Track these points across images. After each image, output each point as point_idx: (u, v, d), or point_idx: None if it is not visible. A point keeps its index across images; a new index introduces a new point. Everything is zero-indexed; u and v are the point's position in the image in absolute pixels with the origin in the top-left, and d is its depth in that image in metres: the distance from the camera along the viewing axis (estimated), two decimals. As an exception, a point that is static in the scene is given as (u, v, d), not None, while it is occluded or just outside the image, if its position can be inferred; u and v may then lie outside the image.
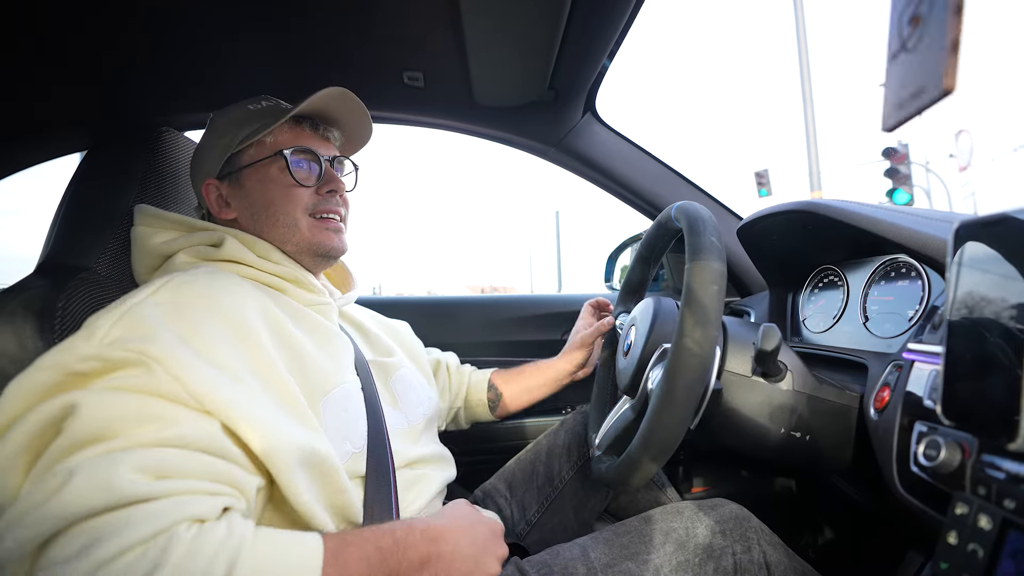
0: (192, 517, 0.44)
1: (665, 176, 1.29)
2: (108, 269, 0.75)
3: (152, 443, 0.45)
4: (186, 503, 0.44)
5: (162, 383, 0.48)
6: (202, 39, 0.89)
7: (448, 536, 0.60)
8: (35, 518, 0.41)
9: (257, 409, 0.53)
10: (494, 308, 1.44)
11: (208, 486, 0.47)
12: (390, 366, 0.85)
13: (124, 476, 0.42)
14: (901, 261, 0.82)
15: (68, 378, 0.47)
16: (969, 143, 12.19)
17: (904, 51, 0.34)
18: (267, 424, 0.53)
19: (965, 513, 0.44)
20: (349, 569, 0.50)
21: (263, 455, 0.52)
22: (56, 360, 0.47)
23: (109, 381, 0.47)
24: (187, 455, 0.47)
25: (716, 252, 0.62)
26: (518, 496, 0.97)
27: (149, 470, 0.44)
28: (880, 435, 0.62)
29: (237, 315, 0.58)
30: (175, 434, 0.47)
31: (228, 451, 0.50)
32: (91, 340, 0.48)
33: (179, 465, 0.46)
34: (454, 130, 1.24)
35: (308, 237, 0.75)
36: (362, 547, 0.52)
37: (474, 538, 0.63)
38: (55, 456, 0.44)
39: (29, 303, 0.62)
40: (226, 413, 0.50)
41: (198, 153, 0.80)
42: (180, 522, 0.43)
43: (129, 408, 0.46)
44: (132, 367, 0.48)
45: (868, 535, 1.06)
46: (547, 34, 0.86)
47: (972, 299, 0.46)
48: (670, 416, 0.58)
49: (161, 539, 0.42)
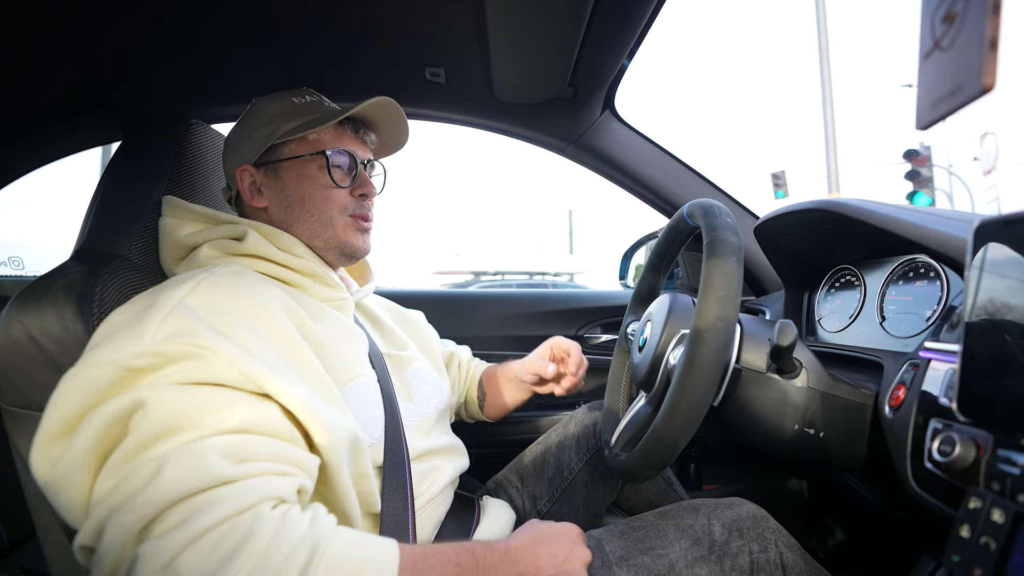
0: (273, 496, 0.47)
1: (683, 175, 1.30)
2: (140, 257, 0.78)
3: (226, 430, 0.48)
4: (265, 483, 0.47)
5: (220, 371, 0.50)
6: (230, 34, 0.92)
7: (527, 559, 0.59)
8: (136, 504, 0.44)
9: (306, 394, 0.55)
10: (510, 303, 1.45)
11: (281, 467, 0.50)
12: (404, 359, 0.87)
13: (212, 460, 0.45)
14: (920, 261, 0.82)
15: (126, 374, 0.49)
16: (995, 146, 11.91)
17: (939, 49, 0.34)
18: (318, 408, 0.55)
19: (978, 507, 0.44)
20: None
21: (320, 437, 0.55)
22: (111, 357, 0.49)
23: (169, 375, 0.49)
24: (260, 440, 0.50)
25: (732, 230, 0.63)
26: (529, 487, 0.99)
27: (230, 455, 0.47)
28: (895, 432, 0.62)
29: (266, 312, 0.60)
30: (243, 420, 0.49)
31: (292, 433, 0.53)
32: (143, 338, 0.50)
33: (254, 449, 0.49)
34: (474, 126, 1.25)
35: (340, 235, 0.78)
36: (440, 560, 0.53)
37: (553, 554, 0.61)
38: (133, 450, 0.46)
39: (70, 287, 0.65)
40: (282, 396, 0.53)
41: (235, 137, 0.81)
42: (263, 500, 0.46)
43: (195, 399, 0.49)
44: (188, 360, 0.50)
45: (880, 538, 1.06)
46: (570, 32, 0.87)
47: (991, 298, 0.46)
48: (696, 381, 0.58)
49: (248, 515, 0.45)
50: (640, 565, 0.69)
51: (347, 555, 0.48)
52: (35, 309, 0.63)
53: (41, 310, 0.63)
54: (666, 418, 0.61)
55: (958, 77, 0.33)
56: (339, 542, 0.48)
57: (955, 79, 0.33)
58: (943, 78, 0.34)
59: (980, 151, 12.42)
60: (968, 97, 0.32)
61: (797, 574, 0.70)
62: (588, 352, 1.42)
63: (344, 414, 0.61)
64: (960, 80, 0.32)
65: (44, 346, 0.62)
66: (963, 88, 0.32)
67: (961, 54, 0.32)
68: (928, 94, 0.35)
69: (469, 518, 0.81)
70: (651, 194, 1.30)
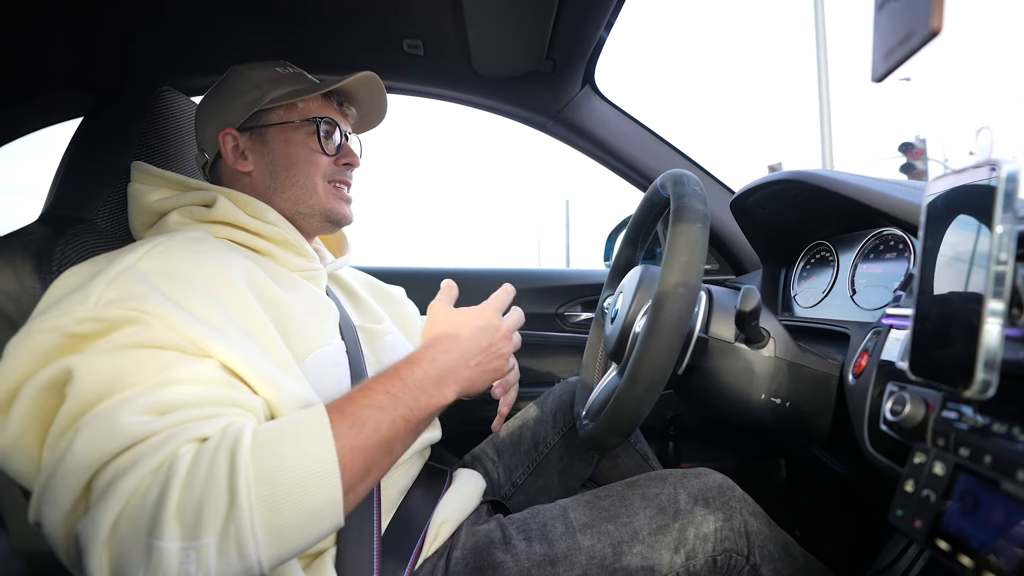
0: (194, 438, 0.46)
1: (664, 152, 1.29)
2: (107, 222, 0.77)
3: (152, 386, 0.47)
4: (187, 429, 0.46)
5: (160, 335, 0.49)
6: (205, 3, 0.90)
7: (453, 362, 0.63)
8: (61, 475, 0.43)
9: (257, 357, 0.55)
10: (492, 280, 1.44)
11: (208, 411, 0.48)
12: (377, 332, 0.87)
13: (126, 419, 0.44)
14: (889, 234, 0.82)
15: (67, 340, 0.48)
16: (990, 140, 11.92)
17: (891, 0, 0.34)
18: (268, 371, 0.54)
19: (923, 462, 0.45)
20: (362, 417, 0.51)
21: (266, 392, 0.53)
22: (54, 323, 0.48)
23: (108, 342, 0.48)
24: (186, 389, 0.48)
25: (698, 198, 0.63)
26: (505, 460, 0.99)
27: (151, 410, 0.46)
28: (855, 398, 0.63)
29: (223, 278, 0.59)
30: (174, 375, 0.48)
31: (230, 382, 0.52)
32: (86, 303, 0.49)
33: (179, 398, 0.47)
34: (454, 100, 1.24)
35: (323, 201, 0.79)
36: (368, 395, 0.54)
37: (481, 346, 0.67)
38: (67, 420, 0.45)
39: (28, 246, 0.65)
40: (226, 358, 0.52)
41: (215, 102, 0.81)
42: (181, 444, 0.45)
43: (129, 363, 0.48)
44: (130, 325, 0.49)
45: (855, 516, 1.07)
46: (543, 2, 0.86)
47: (941, 260, 0.46)
48: (657, 346, 0.58)
49: (166, 463, 0.43)
50: (604, 532, 0.70)
51: (271, 431, 0.47)
52: None
53: None
54: (628, 384, 0.61)
55: (909, 24, 0.33)
56: (259, 429, 0.47)
57: (906, 26, 0.33)
58: (895, 27, 0.34)
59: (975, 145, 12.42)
60: (918, 42, 0.32)
61: (761, 541, 0.71)
62: (568, 330, 1.43)
63: (299, 382, 0.60)
64: (911, 26, 0.33)
65: (0, 304, 0.62)
66: (913, 34, 0.33)
67: (911, 2, 0.33)
68: (882, 44, 0.36)
69: (438, 487, 0.81)
70: (631, 171, 1.30)
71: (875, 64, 0.36)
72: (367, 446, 0.50)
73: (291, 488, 0.44)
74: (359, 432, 0.50)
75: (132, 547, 0.40)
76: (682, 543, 0.69)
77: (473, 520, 0.77)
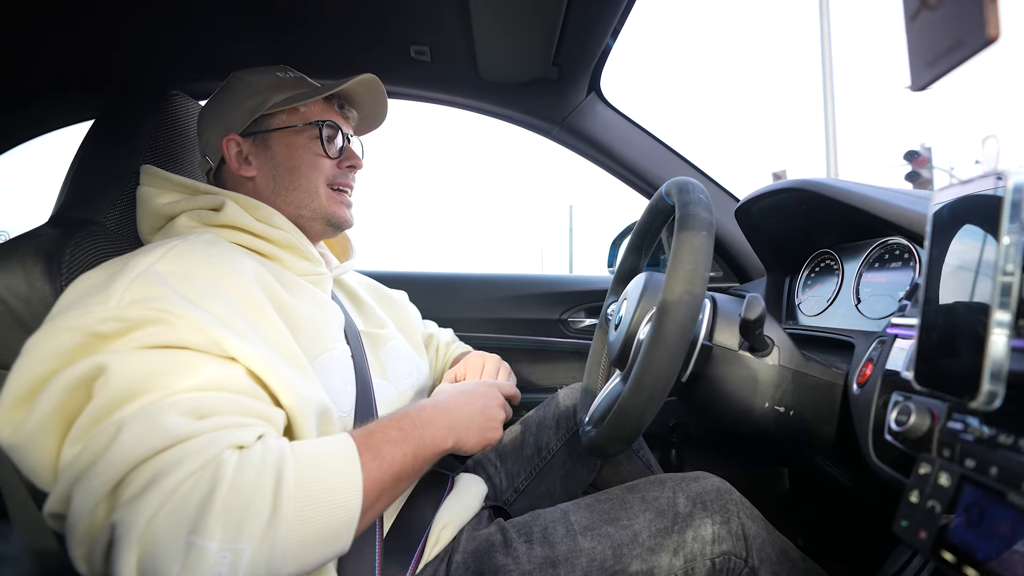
0: (233, 444, 0.47)
1: (669, 159, 1.29)
2: (116, 224, 0.78)
3: (187, 390, 0.48)
4: (226, 435, 0.47)
5: (185, 335, 0.50)
6: (213, 8, 0.91)
7: (456, 407, 0.70)
8: (98, 469, 0.44)
9: (274, 359, 0.56)
10: (495, 285, 1.45)
11: (242, 420, 0.50)
12: (381, 337, 0.87)
13: (170, 419, 0.45)
14: (895, 243, 0.82)
15: (90, 339, 0.49)
16: (996, 148, 11.90)
17: (927, 8, 0.33)
18: (285, 374, 0.55)
19: (928, 472, 0.45)
20: (382, 451, 0.55)
21: (286, 398, 0.55)
22: (75, 323, 0.49)
23: (133, 340, 0.49)
24: (221, 395, 0.50)
25: (703, 206, 0.63)
26: (508, 465, 0.99)
27: (191, 412, 0.47)
28: (860, 408, 0.63)
29: (237, 280, 0.60)
30: (205, 379, 0.49)
31: (256, 391, 0.53)
32: (108, 303, 0.50)
33: (215, 404, 0.49)
34: (460, 106, 1.25)
35: (325, 205, 0.80)
36: (384, 430, 0.58)
37: (483, 405, 0.74)
38: (97, 415, 0.46)
39: (39, 247, 0.65)
40: (248, 360, 0.53)
41: (218, 108, 0.82)
42: (224, 449, 0.46)
43: (158, 363, 0.48)
44: (153, 324, 0.50)
45: (859, 526, 1.06)
46: (550, 9, 0.87)
47: (947, 270, 0.46)
48: (660, 354, 0.58)
49: (212, 465, 0.45)
50: (604, 535, 0.70)
51: (311, 454, 0.50)
52: (2, 268, 0.63)
53: (8, 269, 0.63)
54: (632, 391, 0.61)
55: (957, 32, 0.31)
56: (297, 448, 0.50)
57: (953, 34, 0.31)
58: (938, 36, 0.32)
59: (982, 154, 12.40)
60: (971, 50, 0.30)
61: (759, 544, 0.71)
62: (571, 336, 1.43)
63: (313, 383, 0.61)
64: (960, 34, 0.31)
65: (10, 304, 0.62)
66: (965, 42, 0.31)
67: (956, 8, 0.31)
68: (922, 53, 0.34)
69: (440, 491, 0.81)
70: (636, 178, 1.30)
71: (915, 73, 0.35)
72: (384, 479, 0.54)
73: (323, 510, 0.47)
74: (380, 464, 0.54)
75: (169, 543, 0.41)
76: (681, 546, 0.69)
77: (474, 524, 0.78)
